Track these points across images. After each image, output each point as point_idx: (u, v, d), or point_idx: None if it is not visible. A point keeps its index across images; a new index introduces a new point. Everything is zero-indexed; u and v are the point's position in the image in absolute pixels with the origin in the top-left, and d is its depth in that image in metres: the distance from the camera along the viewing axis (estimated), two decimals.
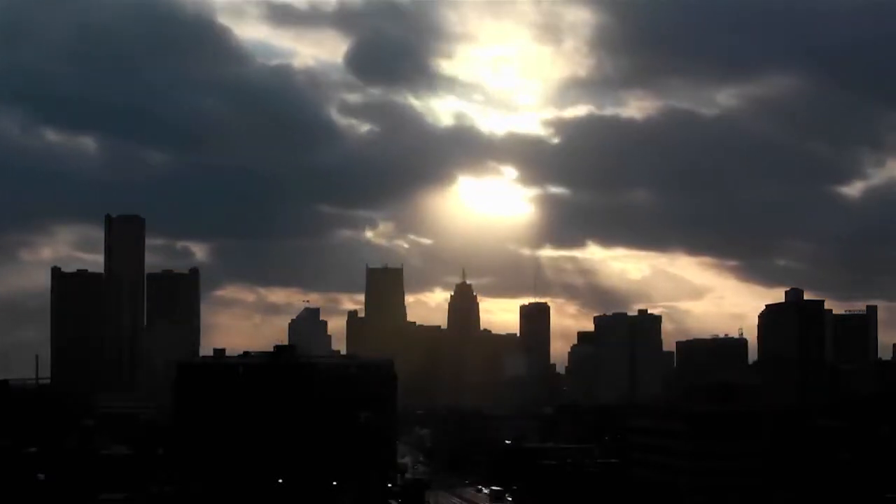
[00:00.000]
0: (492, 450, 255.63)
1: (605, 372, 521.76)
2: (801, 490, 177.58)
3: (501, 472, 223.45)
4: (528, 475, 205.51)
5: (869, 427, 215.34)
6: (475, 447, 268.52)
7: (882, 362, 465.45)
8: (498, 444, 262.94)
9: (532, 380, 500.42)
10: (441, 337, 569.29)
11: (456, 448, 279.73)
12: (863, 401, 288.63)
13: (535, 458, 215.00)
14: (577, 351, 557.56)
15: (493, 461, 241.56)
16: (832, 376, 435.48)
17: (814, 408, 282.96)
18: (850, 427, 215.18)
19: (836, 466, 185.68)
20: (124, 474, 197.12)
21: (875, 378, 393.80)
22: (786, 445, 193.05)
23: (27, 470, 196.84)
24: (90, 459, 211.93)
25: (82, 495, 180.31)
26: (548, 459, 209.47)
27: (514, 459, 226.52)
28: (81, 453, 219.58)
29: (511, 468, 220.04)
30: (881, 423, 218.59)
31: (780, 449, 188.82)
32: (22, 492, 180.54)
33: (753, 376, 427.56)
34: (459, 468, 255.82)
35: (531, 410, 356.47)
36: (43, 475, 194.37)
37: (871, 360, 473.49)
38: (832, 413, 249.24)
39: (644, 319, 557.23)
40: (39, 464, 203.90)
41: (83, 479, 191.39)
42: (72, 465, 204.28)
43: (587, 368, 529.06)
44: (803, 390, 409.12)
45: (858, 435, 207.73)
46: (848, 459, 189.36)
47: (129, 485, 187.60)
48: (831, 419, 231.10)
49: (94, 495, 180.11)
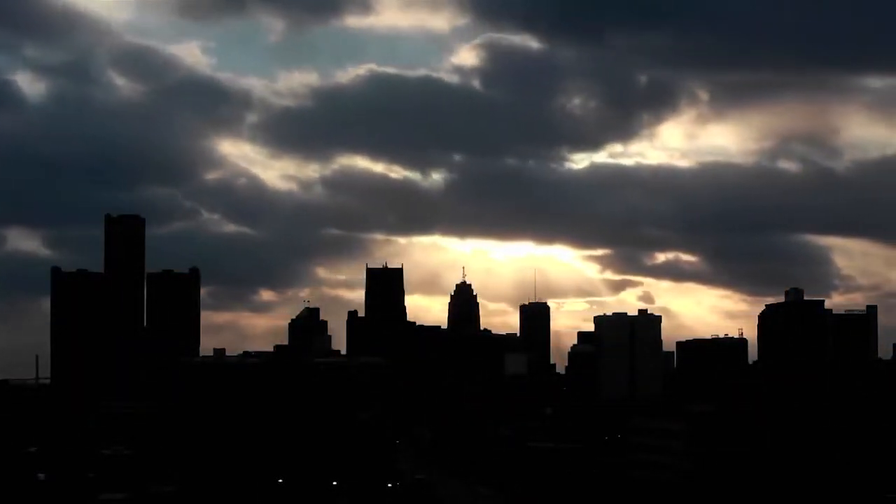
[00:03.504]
0: (491, 450, 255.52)
1: (605, 372, 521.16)
2: (802, 490, 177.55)
3: (501, 473, 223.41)
4: (528, 475, 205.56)
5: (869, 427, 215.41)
6: (475, 447, 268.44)
7: (882, 362, 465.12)
8: (498, 444, 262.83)
9: (532, 380, 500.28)
10: (441, 337, 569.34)
11: (455, 448, 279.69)
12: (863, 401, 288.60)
13: (535, 458, 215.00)
14: (577, 351, 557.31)
15: (492, 461, 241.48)
16: (832, 376, 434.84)
17: (813, 408, 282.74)
18: (851, 427, 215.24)
19: (837, 467, 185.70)
20: (124, 474, 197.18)
21: (875, 378, 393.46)
22: (786, 446, 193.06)
23: (27, 470, 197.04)
24: (90, 459, 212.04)
25: (82, 495, 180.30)
26: (548, 459, 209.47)
27: (514, 460, 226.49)
28: (81, 453, 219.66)
29: (511, 468, 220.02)
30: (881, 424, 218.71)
31: (781, 449, 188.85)
32: (22, 492, 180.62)
33: (753, 376, 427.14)
34: (459, 468, 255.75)
35: (531, 410, 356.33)
36: (43, 475, 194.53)
37: (872, 360, 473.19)
38: (832, 413, 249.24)
39: (644, 319, 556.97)
40: (39, 464, 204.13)
41: (83, 479, 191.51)
42: (72, 465, 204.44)
43: (587, 368, 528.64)
44: (803, 390, 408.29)
45: (859, 435, 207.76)
46: (848, 460, 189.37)
47: (129, 485, 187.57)
48: (831, 419, 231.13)
49: (94, 495, 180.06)
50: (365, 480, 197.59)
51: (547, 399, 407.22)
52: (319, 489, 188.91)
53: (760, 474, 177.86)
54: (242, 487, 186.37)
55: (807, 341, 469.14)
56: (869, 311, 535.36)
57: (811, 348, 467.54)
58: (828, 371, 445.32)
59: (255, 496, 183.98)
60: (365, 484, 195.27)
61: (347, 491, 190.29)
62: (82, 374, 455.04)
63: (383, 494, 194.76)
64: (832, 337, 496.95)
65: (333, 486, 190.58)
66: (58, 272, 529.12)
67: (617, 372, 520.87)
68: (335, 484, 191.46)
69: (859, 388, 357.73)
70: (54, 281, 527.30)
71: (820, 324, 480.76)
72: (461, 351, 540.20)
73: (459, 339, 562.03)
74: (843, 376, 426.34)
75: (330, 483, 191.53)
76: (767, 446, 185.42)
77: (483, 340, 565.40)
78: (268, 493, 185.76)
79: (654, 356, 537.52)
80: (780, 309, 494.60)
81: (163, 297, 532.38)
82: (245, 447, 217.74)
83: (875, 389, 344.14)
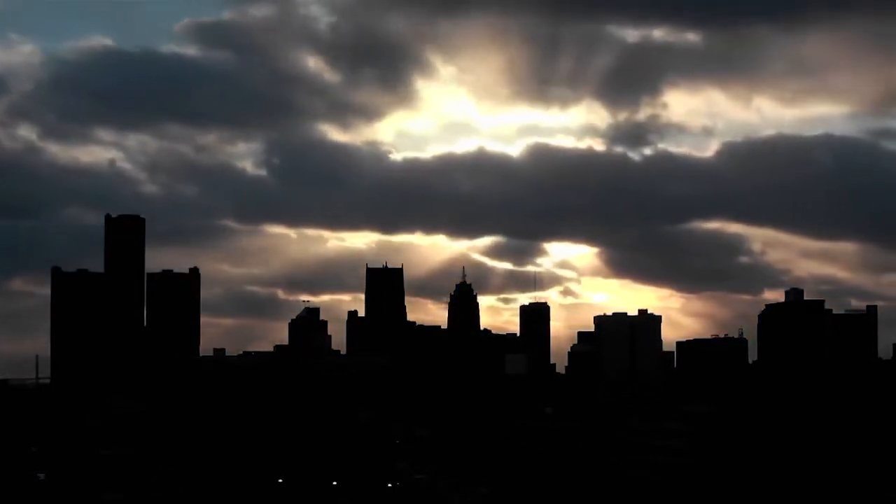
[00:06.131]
0: (491, 450, 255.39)
1: (605, 372, 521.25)
2: (802, 490, 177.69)
3: (501, 473, 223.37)
4: (527, 475, 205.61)
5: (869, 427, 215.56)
6: (475, 447, 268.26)
7: (882, 362, 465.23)
8: (497, 444, 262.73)
9: (532, 380, 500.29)
10: (441, 337, 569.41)
11: (455, 448, 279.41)
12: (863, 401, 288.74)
13: (535, 458, 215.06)
14: (577, 351, 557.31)
15: (492, 461, 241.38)
16: (832, 376, 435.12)
17: (813, 408, 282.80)
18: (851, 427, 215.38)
19: (837, 467, 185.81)
20: (124, 474, 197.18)
21: (875, 378, 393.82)
22: (786, 446, 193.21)
23: (27, 470, 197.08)
24: (90, 459, 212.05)
25: (82, 495, 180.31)
26: (548, 460, 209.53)
27: (514, 460, 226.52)
28: (81, 453, 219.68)
29: (511, 468, 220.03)
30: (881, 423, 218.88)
31: (781, 450, 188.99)
32: (22, 492, 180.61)
33: (753, 376, 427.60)
34: (459, 468, 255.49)
35: (531, 410, 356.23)
36: (43, 475, 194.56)
37: (872, 360, 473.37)
38: (832, 413, 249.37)
39: (644, 319, 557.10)
40: (39, 464, 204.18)
41: (83, 479, 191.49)
42: (72, 465, 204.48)
43: (587, 368, 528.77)
44: (803, 391, 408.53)
45: (859, 435, 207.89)
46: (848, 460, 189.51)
47: (129, 485, 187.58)
48: (831, 419, 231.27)
49: (94, 495, 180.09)
50: (365, 480, 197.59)
51: (547, 399, 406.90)
52: (319, 489, 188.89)
53: (760, 474, 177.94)
54: (242, 487, 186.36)
55: (807, 341, 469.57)
56: (869, 311, 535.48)
57: (811, 348, 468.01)
58: (828, 371, 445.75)
59: (255, 496, 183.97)
60: (365, 484, 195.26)
61: (347, 491, 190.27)
62: (82, 374, 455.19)
63: (383, 494, 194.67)
64: (832, 337, 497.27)
65: (333, 486, 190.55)
66: (58, 272, 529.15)
67: (617, 372, 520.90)
68: (335, 484, 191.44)
69: (859, 388, 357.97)
70: (54, 281, 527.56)
71: (820, 324, 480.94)
72: (461, 351, 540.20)
73: (459, 339, 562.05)
74: (843, 376, 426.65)
75: (330, 483, 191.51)
76: (767, 446, 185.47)
77: (483, 340, 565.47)
78: (268, 493, 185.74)
79: (654, 356, 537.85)
80: (780, 309, 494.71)
81: (163, 297, 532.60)
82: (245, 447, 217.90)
83: (875, 389, 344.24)
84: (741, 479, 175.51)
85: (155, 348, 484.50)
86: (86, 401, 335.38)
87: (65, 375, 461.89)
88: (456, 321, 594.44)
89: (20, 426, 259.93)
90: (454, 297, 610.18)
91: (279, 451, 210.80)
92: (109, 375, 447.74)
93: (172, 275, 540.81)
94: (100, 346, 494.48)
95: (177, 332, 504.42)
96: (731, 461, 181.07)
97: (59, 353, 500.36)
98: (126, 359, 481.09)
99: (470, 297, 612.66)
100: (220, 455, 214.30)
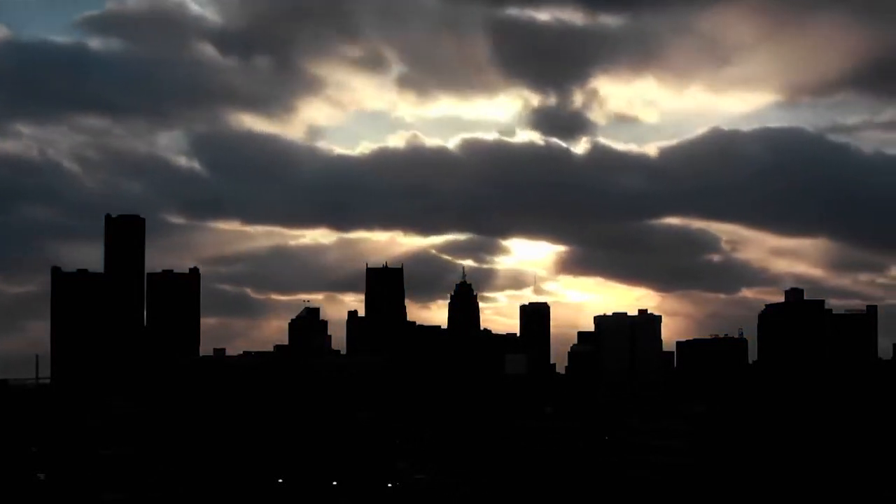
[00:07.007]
0: (491, 450, 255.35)
1: (605, 372, 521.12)
2: (802, 490, 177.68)
3: (501, 473, 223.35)
4: (527, 475, 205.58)
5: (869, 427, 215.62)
6: (475, 447, 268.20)
7: (882, 362, 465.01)
8: (497, 444, 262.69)
9: (532, 380, 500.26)
10: (441, 337, 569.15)
11: (455, 448, 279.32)
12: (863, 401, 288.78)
13: (535, 458, 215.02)
14: (577, 351, 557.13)
15: (492, 461, 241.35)
16: (832, 376, 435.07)
17: (813, 408, 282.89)
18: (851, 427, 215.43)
19: (837, 466, 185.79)
20: (124, 474, 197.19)
21: (874, 378, 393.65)
22: (786, 446, 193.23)
23: (27, 470, 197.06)
24: (90, 459, 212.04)
25: (82, 495, 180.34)
26: (548, 460, 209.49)
27: (514, 459, 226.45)
28: (81, 453, 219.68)
29: (511, 468, 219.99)
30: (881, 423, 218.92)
31: (781, 449, 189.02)
32: (22, 492, 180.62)
33: (753, 376, 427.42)
34: (459, 468, 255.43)
35: (531, 410, 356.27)
36: (43, 475, 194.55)
37: (872, 360, 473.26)
38: (832, 413, 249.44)
39: (644, 319, 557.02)
40: (39, 464, 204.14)
41: (83, 479, 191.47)
42: (72, 465, 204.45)
43: (587, 368, 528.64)
44: (803, 390, 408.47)
45: (858, 435, 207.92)
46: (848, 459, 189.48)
47: (130, 485, 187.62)
48: (831, 419, 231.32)
49: (94, 495, 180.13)
50: (365, 480, 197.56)
51: (547, 399, 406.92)
52: (319, 489, 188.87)
53: (760, 474, 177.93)
54: (242, 487, 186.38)
55: (807, 341, 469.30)
56: (869, 310, 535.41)
57: (811, 348, 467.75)
58: (827, 371, 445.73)
59: (255, 496, 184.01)
60: (365, 484, 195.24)
61: (347, 491, 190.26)
62: (82, 374, 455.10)
63: (383, 494, 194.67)
64: (832, 337, 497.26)
65: (333, 486, 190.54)
66: (58, 272, 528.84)
67: (617, 372, 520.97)
68: (335, 484, 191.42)
69: (859, 388, 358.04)
70: (54, 281, 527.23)
71: (820, 324, 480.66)
72: (461, 351, 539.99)
73: (459, 339, 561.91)
74: (843, 376, 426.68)
75: (330, 483, 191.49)
76: (767, 446, 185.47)
77: (483, 340, 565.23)
78: (268, 493, 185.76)
79: (654, 356, 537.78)
80: (780, 309, 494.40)
81: (163, 297, 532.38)
82: (245, 447, 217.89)
83: (875, 389, 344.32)
84: (741, 478, 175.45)
85: (155, 348, 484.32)
86: (86, 401, 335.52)
87: (65, 375, 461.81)
88: (456, 321, 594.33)
89: (20, 426, 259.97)
90: (454, 297, 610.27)
91: (279, 451, 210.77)
92: (109, 375, 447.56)
93: (172, 275, 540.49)
94: (100, 346, 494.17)
95: (177, 332, 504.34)
96: (730, 461, 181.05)
97: (59, 354, 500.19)
98: (126, 359, 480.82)
99: (470, 296, 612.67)
100: (220, 455, 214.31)
